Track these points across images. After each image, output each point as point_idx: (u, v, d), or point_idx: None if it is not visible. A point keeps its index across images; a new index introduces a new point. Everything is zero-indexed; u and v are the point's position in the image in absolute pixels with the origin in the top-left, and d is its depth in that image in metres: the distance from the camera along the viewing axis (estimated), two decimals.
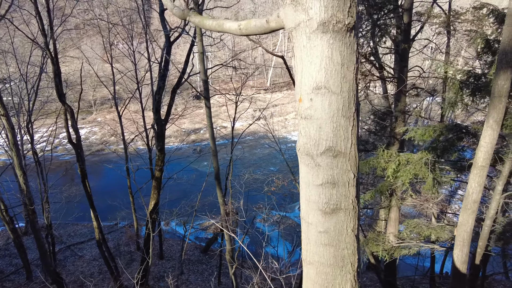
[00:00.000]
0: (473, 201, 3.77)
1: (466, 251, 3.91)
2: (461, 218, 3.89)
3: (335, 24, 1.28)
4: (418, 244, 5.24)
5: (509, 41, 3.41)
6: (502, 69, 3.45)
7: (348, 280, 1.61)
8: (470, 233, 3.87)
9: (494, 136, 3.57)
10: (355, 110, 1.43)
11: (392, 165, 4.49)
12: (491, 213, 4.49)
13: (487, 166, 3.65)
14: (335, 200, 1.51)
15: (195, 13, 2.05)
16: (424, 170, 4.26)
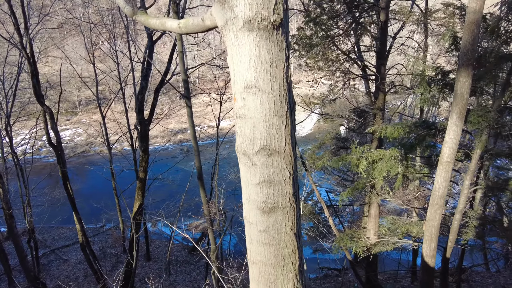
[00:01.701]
0: (439, 196, 3.83)
1: (434, 245, 3.98)
2: (428, 213, 3.96)
3: (260, 22, 1.27)
4: (393, 240, 5.31)
5: (469, 39, 3.47)
6: (464, 67, 3.51)
7: (290, 279, 1.60)
8: (437, 227, 3.94)
9: (458, 132, 3.64)
10: (288, 109, 1.42)
11: (363, 161, 4.54)
12: (460, 207, 4.58)
13: (452, 162, 3.72)
14: (272, 199, 1.50)
15: (142, 12, 2.03)
16: (395, 167, 4.31)
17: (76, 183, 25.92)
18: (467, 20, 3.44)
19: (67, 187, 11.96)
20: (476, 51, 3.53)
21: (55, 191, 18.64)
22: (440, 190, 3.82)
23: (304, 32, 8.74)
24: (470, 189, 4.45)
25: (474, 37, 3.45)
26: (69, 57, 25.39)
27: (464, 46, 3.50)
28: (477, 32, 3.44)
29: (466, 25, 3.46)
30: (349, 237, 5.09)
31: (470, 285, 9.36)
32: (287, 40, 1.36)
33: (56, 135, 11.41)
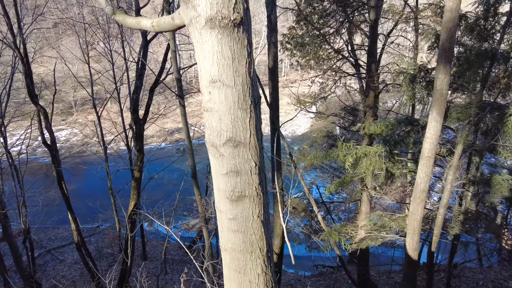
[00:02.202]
0: (421, 191, 3.93)
1: (416, 239, 4.08)
2: (411, 208, 4.05)
3: (221, 20, 1.35)
4: (380, 235, 5.40)
5: (447, 37, 3.56)
6: (442, 64, 3.60)
7: (258, 265, 1.69)
8: (420, 221, 4.03)
9: (438, 128, 3.73)
10: (252, 102, 1.51)
11: (349, 157, 4.63)
12: (444, 202, 4.68)
13: (433, 157, 3.81)
14: (239, 188, 1.59)
15: (120, 11, 2.10)
16: (379, 163, 4.40)
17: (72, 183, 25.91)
18: (444, 19, 3.53)
19: (62, 186, 12.00)
20: (453, 49, 3.62)
21: (51, 191, 18.65)
22: (421, 185, 3.91)
23: (295, 31, 8.83)
24: (453, 184, 4.56)
25: (452, 35, 3.54)
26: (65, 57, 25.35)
27: (442, 44, 3.60)
28: (454, 30, 3.54)
29: (443, 23, 3.55)
30: (337, 232, 5.18)
31: (461, 281, 9.49)
32: (248, 37, 1.44)
33: (51, 135, 11.44)
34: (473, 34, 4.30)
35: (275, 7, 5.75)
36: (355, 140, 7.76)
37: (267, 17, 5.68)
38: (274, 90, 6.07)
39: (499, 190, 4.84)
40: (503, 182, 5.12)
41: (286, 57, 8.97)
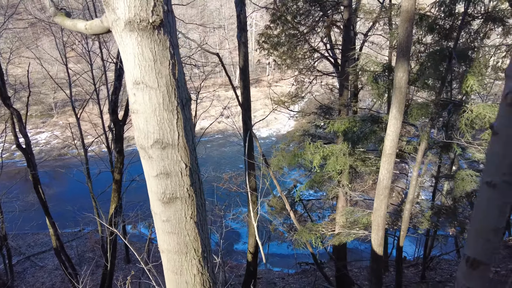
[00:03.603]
0: (384, 187, 4.01)
1: (381, 234, 4.17)
2: (375, 204, 4.14)
3: (140, 23, 1.35)
4: (352, 231, 5.50)
5: (404, 36, 3.66)
6: (400, 62, 3.69)
7: (194, 265, 1.69)
8: (384, 217, 4.13)
9: (398, 125, 3.82)
10: (179, 103, 1.51)
11: (317, 156, 4.69)
12: (410, 197, 4.80)
13: (394, 154, 3.90)
14: (170, 190, 1.59)
15: (60, 13, 2.08)
16: (344, 160, 4.47)
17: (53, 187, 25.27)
18: (401, 19, 3.62)
19: (38, 191, 11.72)
20: (410, 47, 3.72)
21: (30, 196, 18.15)
22: (384, 181, 4.00)
23: (271, 30, 8.86)
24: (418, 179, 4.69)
25: (408, 34, 3.64)
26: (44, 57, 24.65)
27: (399, 43, 3.69)
28: (410, 29, 3.63)
29: (400, 23, 3.64)
30: (308, 230, 5.25)
31: (437, 273, 9.75)
32: (171, 38, 1.45)
33: (25, 138, 11.16)
34: (433, 33, 4.42)
35: (244, 6, 5.76)
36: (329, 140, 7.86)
37: (237, 17, 5.69)
38: (246, 90, 6.08)
39: (461, 185, 5.00)
40: (466, 177, 5.29)
41: (263, 57, 8.98)
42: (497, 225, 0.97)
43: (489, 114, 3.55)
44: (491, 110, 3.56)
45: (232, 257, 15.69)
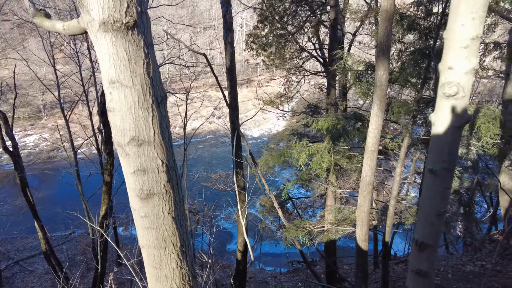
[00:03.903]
0: (367, 184, 4.11)
1: (365, 230, 4.26)
2: (359, 200, 4.23)
3: (114, 24, 1.39)
4: (339, 228, 5.59)
5: (384, 36, 3.75)
6: (380, 61, 3.79)
7: (172, 259, 1.74)
8: (367, 213, 4.22)
9: (379, 123, 3.92)
10: (154, 101, 1.55)
11: (302, 155, 4.77)
12: (394, 193, 4.91)
13: (376, 150, 4.00)
14: (148, 186, 1.63)
15: (39, 14, 2.10)
16: (329, 158, 4.56)
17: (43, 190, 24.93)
18: (380, 18, 3.72)
19: (26, 194, 11.58)
20: (390, 46, 3.82)
21: (18, 199, 17.88)
22: (367, 178, 4.09)
23: (259, 31, 8.93)
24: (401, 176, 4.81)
25: (388, 33, 3.74)
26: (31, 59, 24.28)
27: (380, 42, 3.78)
28: (390, 28, 3.73)
29: (380, 22, 3.73)
30: (296, 227, 5.32)
31: None
32: (145, 38, 1.49)
33: (12, 140, 11.01)
34: (414, 32, 4.53)
35: (230, 7, 5.82)
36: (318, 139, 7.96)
37: (223, 17, 5.74)
38: (233, 89, 6.13)
39: None
40: None
41: (252, 57, 9.03)
42: (440, 210, 1.04)
43: None
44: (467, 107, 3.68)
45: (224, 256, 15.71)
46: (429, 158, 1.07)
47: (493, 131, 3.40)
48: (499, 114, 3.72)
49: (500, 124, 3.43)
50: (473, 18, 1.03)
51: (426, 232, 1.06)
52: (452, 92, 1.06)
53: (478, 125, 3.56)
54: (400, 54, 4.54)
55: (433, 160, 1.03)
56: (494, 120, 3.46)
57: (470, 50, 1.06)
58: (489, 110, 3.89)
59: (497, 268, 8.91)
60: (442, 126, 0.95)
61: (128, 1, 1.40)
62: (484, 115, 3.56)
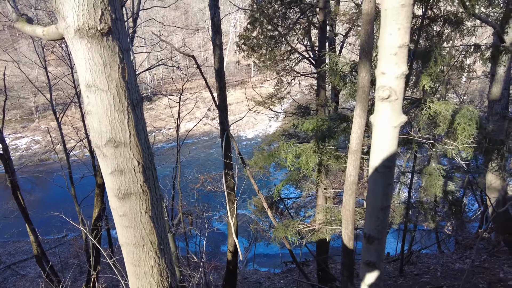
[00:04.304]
0: (351, 183, 4.20)
1: (350, 228, 4.34)
2: (344, 200, 4.32)
3: (88, 30, 1.46)
4: (328, 228, 5.68)
5: (365, 38, 3.85)
6: (362, 63, 3.89)
7: (151, 257, 1.80)
8: (352, 212, 4.31)
9: (362, 123, 4.01)
10: (129, 104, 1.62)
11: (289, 155, 4.86)
12: None
13: (360, 150, 4.09)
14: (125, 186, 1.69)
15: (21, 19, 2.15)
16: (315, 159, 4.65)
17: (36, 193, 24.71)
18: (362, 21, 3.82)
19: (17, 197, 11.52)
20: (372, 49, 3.91)
21: (9, 203, 17.73)
22: (351, 177, 4.18)
23: (250, 32, 9.01)
24: None
25: (369, 35, 3.83)
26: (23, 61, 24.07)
27: (362, 45, 3.88)
28: (371, 31, 3.83)
29: (362, 25, 3.83)
30: (285, 226, 5.40)
31: (416, 267, 10.07)
32: (120, 44, 1.55)
33: (2, 143, 10.94)
34: None
35: (218, 10, 5.88)
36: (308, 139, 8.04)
37: (211, 19, 5.80)
38: (222, 91, 6.20)
39: (429, 179, 5.24)
40: (434, 172, 5.54)
41: (243, 58, 9.11)
42: (383, 204, 1.12)
43: (444, 111, 3.78)
44: (446, 107, 3.80)
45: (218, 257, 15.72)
46: (371, 156, 1.15)
47: (468, 132, 3.51)
48: (477, 115, 3.84)
49: (476, 125, 3.54)
50: (399, 29, 1.12)
51: (373, 226, 1.14)
52: (385, 95, 1.15)
53: (455, 125, 3.68)
54: None
55: (374, 158, 1.10)
56: (470, 121, 3.57)
57: (398, 57, 1.15)
58: (468, 111, 4.01)
59: (485, 265, 9.08)
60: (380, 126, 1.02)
61: (102, 9, 1.46)
62: (461, 116, 3.67)
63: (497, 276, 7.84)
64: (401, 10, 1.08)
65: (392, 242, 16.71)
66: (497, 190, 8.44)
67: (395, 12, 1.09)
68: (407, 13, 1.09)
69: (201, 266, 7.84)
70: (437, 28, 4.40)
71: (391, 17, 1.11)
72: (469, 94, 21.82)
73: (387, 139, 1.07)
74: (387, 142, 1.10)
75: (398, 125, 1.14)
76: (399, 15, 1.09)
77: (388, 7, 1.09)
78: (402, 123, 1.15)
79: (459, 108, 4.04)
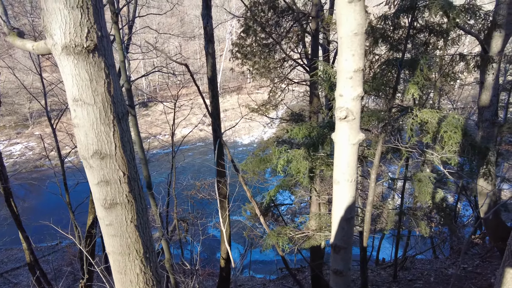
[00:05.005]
0: None
1: None
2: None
3: (75, 48, 1.52)
4: (318, 234, 5.72)
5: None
6: None
7: (136, 265, 1.85)
8: None
9: None
10: (115, 117, 1.68)
11: (281, 161, 4.92)
12: (370, 199, 5.08)
13: None
14: (111, 196, 1.74)
15: (12, 33, 2.21)
16: (305, 165, 4.72)
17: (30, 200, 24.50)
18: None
19: (10, 204, 11.46)
20: None
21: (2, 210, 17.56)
22: None
23: (243, 40, 9.13)
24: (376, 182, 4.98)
25: None
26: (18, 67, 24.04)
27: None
28: None
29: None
30: (277, 233, 5.44)
31: (410, 272, 10.12)
32: (106, 60, 1.62)
33: None
34: (386, 44, 4.76)
35: (211, 19, 5.99)
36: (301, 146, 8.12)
37: (203, 28, 5.90)
38: (214, 99, 6.27)
39: (418, 186, 5.33)
40: (424, 178, 5.63)
41: (237, 66, 9.21)
42: (347, 215, 1.18)
43: (430, 119, 3.88)
44: (432, 115, 3.90)
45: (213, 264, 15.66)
46: (334, 171, 1.22)
47: (454, 140, 3.60)
48: (463, 123, 3.93)
49: (461, 133, 3.64)
50: (353, 55, 1.19)
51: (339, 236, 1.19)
52: (342, 116, 1.22)
53: (441, 133, 3.77)
54: (371, 65, 4.75)
55: (336, 172, 1.17)
56: (456, 128, 3.67)
57: (354, 80, 1.22)
58: (454, 118, 4.11)
59: (477, 270, 9.15)
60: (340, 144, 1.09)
61: (88, 27, 1.53)
62: (447, 124, 3.77)
63: (488, 281, 7.91)
64: (355, 38, 1.15)
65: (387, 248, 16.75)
66: (488, 195, 8.56)
67: (349, 40, 1.17)
68: (360, 40, 1.17)
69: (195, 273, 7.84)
70: (423, 38, 4.52)
71: (346, 44, 1.18)
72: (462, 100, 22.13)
73: (346, 155, 1.13)
74: (347, 158, 1.16)
75: (356, 142, 1.20)
76: (353, 43, 1.16)
77: (342, 35, 1.17)
78: (360, 141, 1.22)
79: (445, 116, 4.13)
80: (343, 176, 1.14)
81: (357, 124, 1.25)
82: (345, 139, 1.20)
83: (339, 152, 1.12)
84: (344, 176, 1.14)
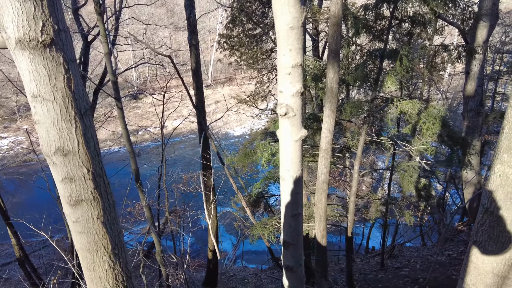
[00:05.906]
0: (322, 181, 4.30)
1: (323, 225, 4.45)
2: (316, 198, 4.42)
3: (29, 42, 1.47)
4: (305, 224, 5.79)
5: (333, 39, 3.93)
6: (331, 64, 3.97)
7: (105, 262, 1.84)
8: (324, 210, 4.41)
9: (331, 123, 4.11)
10: (77, 113, 1.64)
11: (265, 154, 4.94)
12: (353, 190, 5.14)
13: (330, 149, 4.19)
14: (76, 193, 1.72)
15: None
16: None
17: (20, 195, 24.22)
18: (330, 22, 3.89)
19: None
20: (339, 50, 4.00)
21: None
22: (322, 176, 4.28)
23: (231, 31, 9.02)
24: (360, 173, 5.04)
25: (336, 37, 3.92)
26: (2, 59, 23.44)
27: (329, 46, 3.96)
28: (339, 33, 3.91)
29: (329, 27, 3.91)
30: (263, 225, 5.48)
31: (397, 260, 10.33)
32: (65, 55, 1.58)
33: None
34: (368, 34, 4.75)
35: (194, 10, 5.88)
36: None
37: (187, 19, 5.79)
38: (199, 91, 6.21)
39: (402, 175, 5.40)
40: (408, 168, 5.70)
41: (224, 57, 9.12)
42: (294, 212, 1.19)
43: (410, 110, 3.91)
44: (412, 106, 3.93)
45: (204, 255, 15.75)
46: (280, 167, 1.22)
47: (432, 131, 3.64)
48: (442, 114, 3.97)
49: (440, 124, 3.67)
50: (290, 50, 1.18)
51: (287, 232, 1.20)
52: (282, 112, 1.22)
53: (420, 124, 3.80)
54: (353, 55, 4.75)
55: (281, 169, 1.17)
56: (434, 119, 3.70)
57: (293, 76, 1.21)
58: (435, 109, 4.14)
59: (462, 257, 9.38)
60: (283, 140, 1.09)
61: (43, 20, 1.48)
62: (426, 115, 3.80)
63: None
64: (291, 32, 1.14)
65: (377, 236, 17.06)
66: (473, 184, 8.72)
67: (285, 34, 1.16)
68: (297, 35, 1.15)
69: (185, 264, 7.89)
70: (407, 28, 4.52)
71: (283, 38, 1.17)
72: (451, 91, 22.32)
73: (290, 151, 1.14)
74: (290, 154, 1.16)
75: (298, 139, 1.20)
76: (289, 37, 1.15)
77: (279, 29, 1.15)
78: (303, 137, 1.22)
79: (426, 107, 4.16)
80: (288, 173, 1.14)
81: (299, 120, 1.24)
82: (288, 136, 1.19)
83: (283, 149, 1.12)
84: (289, 173, 1.14)
